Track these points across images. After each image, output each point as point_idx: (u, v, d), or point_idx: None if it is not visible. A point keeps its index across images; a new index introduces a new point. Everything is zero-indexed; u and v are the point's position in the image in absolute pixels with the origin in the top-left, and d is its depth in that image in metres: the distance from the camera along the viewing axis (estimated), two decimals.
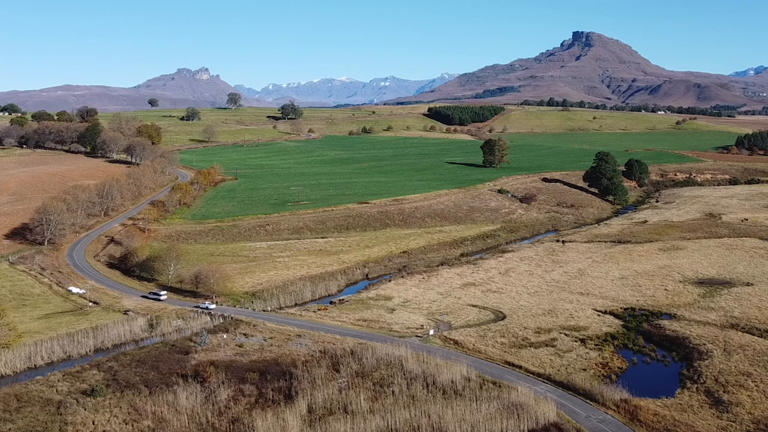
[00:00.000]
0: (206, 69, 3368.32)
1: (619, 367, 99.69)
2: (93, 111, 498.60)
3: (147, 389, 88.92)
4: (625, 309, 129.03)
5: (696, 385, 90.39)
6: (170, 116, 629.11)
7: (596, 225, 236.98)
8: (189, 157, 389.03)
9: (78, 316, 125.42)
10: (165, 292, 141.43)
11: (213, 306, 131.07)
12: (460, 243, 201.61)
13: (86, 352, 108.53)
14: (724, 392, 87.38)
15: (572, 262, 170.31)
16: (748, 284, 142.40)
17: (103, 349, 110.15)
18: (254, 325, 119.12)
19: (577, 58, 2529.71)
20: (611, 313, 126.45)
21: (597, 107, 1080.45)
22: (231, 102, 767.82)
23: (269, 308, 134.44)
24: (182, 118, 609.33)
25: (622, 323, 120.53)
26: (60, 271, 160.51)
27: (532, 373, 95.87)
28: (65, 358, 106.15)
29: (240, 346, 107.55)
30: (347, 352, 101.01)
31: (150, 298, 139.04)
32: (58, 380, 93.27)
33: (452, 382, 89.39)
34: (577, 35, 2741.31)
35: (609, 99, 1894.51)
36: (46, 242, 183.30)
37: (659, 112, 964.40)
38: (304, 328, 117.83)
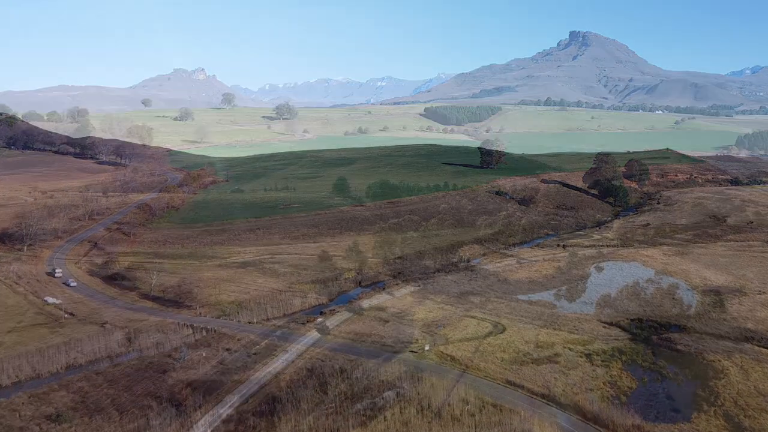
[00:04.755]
0: (202, 69, 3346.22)
1: (628, 387, 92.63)
2: (84, 111, 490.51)
3: (117, 414, 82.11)
4: (632, 320, 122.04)
5: (714, 408, 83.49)
6: (163, 116, 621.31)
7: (597, 228, 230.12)
8: (180, 158, 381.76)
9: (52, 329, 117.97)
10: (60, 269, 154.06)
11: (75, 284, 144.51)
12: (456, 247, 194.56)
13: (57, 370, 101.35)
14: (745, 417, 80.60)
15: (574, 267, 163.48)
16: (760, 293, 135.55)
17: (76, 366, 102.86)
18: (238, 339, 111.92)
19: (574, 58, 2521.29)
20: (617, 325, 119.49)
21: (594, 107, 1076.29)
22: (225, 102, 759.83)
23: (255, 320, 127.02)
24: (175, 119, 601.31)
25: (629, 336, 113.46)
26: (37, 280, 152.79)
27: (536, 394, 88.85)
28: (34, 377, 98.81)
29: (221, 363, 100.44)
30: (336, 370, 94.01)
31: (50, 274, 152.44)
32: (23, 403, 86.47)
33: (449, 405, 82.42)
34: (573, 35, 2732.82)
35: (606, 98, 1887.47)
36: (25, 248, 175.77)
37: (657, 112, 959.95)
38: (291, 343, 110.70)
